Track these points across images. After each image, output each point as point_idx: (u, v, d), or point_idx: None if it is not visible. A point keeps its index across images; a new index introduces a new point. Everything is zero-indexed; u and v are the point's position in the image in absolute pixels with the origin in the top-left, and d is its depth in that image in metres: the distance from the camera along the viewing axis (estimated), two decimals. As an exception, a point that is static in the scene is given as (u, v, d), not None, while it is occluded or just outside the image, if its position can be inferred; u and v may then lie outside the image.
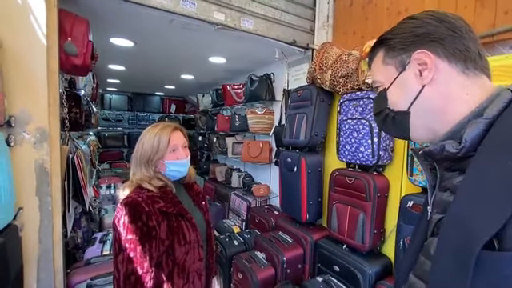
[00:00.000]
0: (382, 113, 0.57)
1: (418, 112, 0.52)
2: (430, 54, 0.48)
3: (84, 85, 2.17)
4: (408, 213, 1.43)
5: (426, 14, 0.51)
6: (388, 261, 1.69)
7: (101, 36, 2.14)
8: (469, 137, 0.44)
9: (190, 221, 1.07)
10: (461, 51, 0.48)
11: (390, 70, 0.54)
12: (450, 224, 0.43)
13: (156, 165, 1.06)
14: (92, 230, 2.22)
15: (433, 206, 0.55)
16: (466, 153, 0.44)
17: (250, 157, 2.99)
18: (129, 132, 5.65)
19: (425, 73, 0.49)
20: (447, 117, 0.49)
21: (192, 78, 3.92)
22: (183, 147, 1.09)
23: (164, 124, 1.09)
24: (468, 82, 0.48)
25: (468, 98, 0.48)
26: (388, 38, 0.55)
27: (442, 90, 0.49)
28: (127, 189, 1.05)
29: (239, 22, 1.90)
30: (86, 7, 1.60)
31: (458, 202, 0.43)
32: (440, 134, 0.50)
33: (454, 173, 0.49)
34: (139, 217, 0.95)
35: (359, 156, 1.71)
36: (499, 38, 1.40)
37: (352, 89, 1.75)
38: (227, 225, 2.81)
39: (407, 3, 1.74)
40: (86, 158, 1.95)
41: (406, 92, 0.52)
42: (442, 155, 0.48)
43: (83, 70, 1.53)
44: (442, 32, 0.49)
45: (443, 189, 0.52)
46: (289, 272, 1.93)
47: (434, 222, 0.52)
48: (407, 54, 0.51)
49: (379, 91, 0.58)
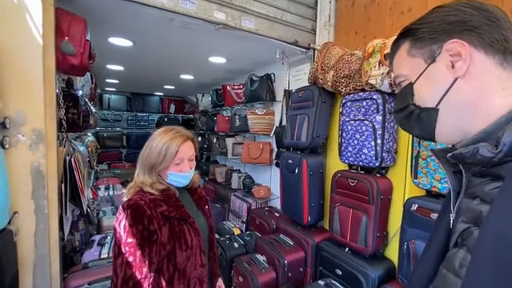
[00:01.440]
0: (406, 109, 0.52)
1: (448, 108, 0.47)
2: (465, 44, 0.44)
3: (82, 85, 2.13)
4: (412, 216, 1.41)
5: (459, 1, 0.47)
6: (391, 264, 1.67)
7: (99, 35, 2.10)
8: (508, 140, 0.39)
9: (193, 225, 1.04)
10: (499, 41, 0.43)
11: (417, 63, 0.50)
12: (489, 239, 0.38)
13: (159, 173, 1.04)
14: (90, 233, 2.19)
15: (456, 214, 0.50)
16: (503, 157, 0.40)
17: (251, 158, 2.96)
18: (128, 132, 5.62)
19: (458, 64, 0.45)
20: (480, 114, 0.44)
21: (192, 78, 3.89)
22: (189, 160, 1.06)
23: (176, 132, 1.04)
24: (506, 75, 0.43)
25: (505, 93, 0.43)
26: (414, 28, 0.50)
27: (476, 84, 0.44)
28: (130, 191, 1.03)
29: (240, 21, 1.87)
30: (83, 6, 1.57)
31: (498, 217, 0.38)
32: (470, 134, 0.45)
33: (485, 179, 0.44)
34: (140, 220, 0.93)
35: (362, 158, 1.68)
36: None
37: (354, 89, 1.73)
38: (227, 227, 2.78)
39: (410, 2, 1.71)
40: (83, 159, 1.92)
41: (435, 86, 0.48)
42: (475, 159, 0.43)
43: (81, 70, 1.49)
44: (477, 20, 0.44)
45: (471, 196, 0.47)
46: (290, 275, 1.90)
47: (458, 231, 0.48)
48: (438, 44, 0.47)
49: (404, 86, 0.53)
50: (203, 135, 4.40)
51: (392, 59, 0.56)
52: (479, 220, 0.43)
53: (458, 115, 0.47)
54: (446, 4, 0.48)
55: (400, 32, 0.54)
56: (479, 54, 0.44)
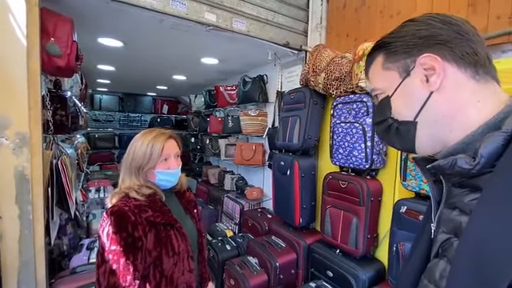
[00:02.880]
0: (385, 122, 0.52)
1: (425, 122, 0.47)
2: (438, 58, 0.45)
3: (70, 86, 2.09)
4: (401, 218, 1.42)
5: (429, 15, 0.48)
6: (381, 265, 1.68)
7: (88, 36, 2.07)
8: (485, 152, 0.39)
9: (180, 230, 1.03)
10: (470, 55, 0.44)
11: (392, 76, 0.50)
12: (467, 252, 0.39)
13: (146, 173, 1.02)
14: (79, 237, 2.15)
15: (438, 224, 0.50)
16: (481, 169, 0.40)
17: (243, 159, 2.95)
18: (120, 133, 5.54)
19: (432, 78, 0.45)
20: (458, 126, 0.45)
21: (184, 79, 3.86)
22: (175, 156, 1.06)
23: (158, 131, 1.04)
24: (479, 88, 0.44)
25: (480, 105, 0.44)
26: (388, 41, 0.50)
27: (451, 97, 0.45)
28: (114, 197, 1.01)
29: (231, 22, 1.86)
30: (70, 6, 1.54)
31: (477, 228, 0.39)
32: (449, 144, 0.46)
33: (465, 189, 0.45)
34: (125, 227, 0.91)
35: (352, 160, 1.69)
36: (492, 43, 1.40)
37: (345, 92, 1.73)
38: (220, 228, 2.77)
39: (400, 6, 1.73)
40: (72, 162, 1.88)
41: (411, 100, 0.48)
42: (453, 171, 0.43)
43: (68, 72, 1.46)
44: (447, 34, 0.45)
45: (451, 206, 0.48)
46: (282, 277, 1.90)
47: (439, 241, 0.48)
48: (411, 58, 0.47)
49: (381, 99, 0.53)
50: (196, 136, 4.37)
51: (367, 71, 0.56)
52: (459, 231, 0.43)
53: (435, 128, 0.47)
54: (418, 18, 0.49)
55: (374, 45, 0.54)
56: (452, 67, 0.45)
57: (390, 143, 0.55)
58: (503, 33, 1.36)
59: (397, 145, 0.54)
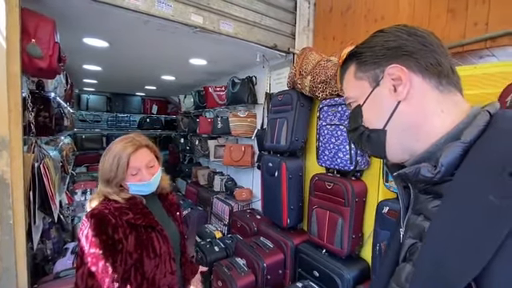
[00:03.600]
0: (358, 130, 0.54)
1: (394, 130, 0.49)
2: (404, 69, 0.46)
3: (54, 87, 2.05)
4: (384, 218, 1.46)
5: (397, 27, 0.50)
6: (366, 265, 1.72)
7: (72, 36, 2.03)
8: (445, 161, 0.42)
9: (161, 233, 1.03)
10: (434, 66, 0.46)
11: (363, 85, 0.52)
12: (428, 256, 0.41)
13: (118, 185, 1.01)
14: (64, 241, 2.11)
15: (406, 228, 0.52)
16: (442, 177, 0.43)
17: (233, 160, 2.96)
18: (108, 133, 5.45)
19: (399, 88, 0.47)
20: (423, 136, 0.47)
21: (173, 79, 3.83)
22: (148, 167, 1.02)
23: (127, 141, 1.00)
24: (442, 98, 0.46)
25: (444, 115, 0.46)
26: (359, 52, 0.52)
27: (417, 107, 0.47)
28: (94, 200, 1.01)
29: (218, 25, 1.86)
30: (52, 7, 1.50)
31: (434, 237, 0.41)
32: (416, 153, 0.48)
33: (429, 196, 0.47)
34: (104, 230, 0.91)
35: (338, 161, 1.72)
36: (469, 49, 1.45)
37: (331, 94, 1.76)
38: (209, 230, 2.76)
39: (383, 11, 1.77)
40: (56, 164, 1.84)
41: (380, 109, 0.50)
42: (417, 178, 0.46)
43: (50, 73, 1.43)
44: (413, 46, 0.47)
45: (417, 212, 0.50)
46: (269, 278, 1.91)
47: (406, 246, 0.50)
48: (380, 68, 0.49)
49: (353, 108, 0.55)
50: (186, 137, 4.34)
51: (341, 80, 0.58)
52: (423, 236, 0.45)
53: (403, 136, 0.49)
54: (386, 29, 0.50)
55: (347, 54, 0.55)
56: (417, 78, 0.46)
57: (363, 150, 0.56)
58: (480, 39, 1.41)
59: (369, 152, 0.56)
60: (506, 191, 0.33)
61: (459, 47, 1.47)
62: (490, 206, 0.34)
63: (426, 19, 1.59)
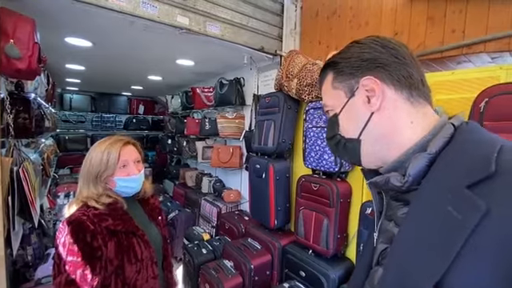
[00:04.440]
0: (334, 138, 0.56)
1: (368, 140, 0.51)
2: (378, 81, 0.48)
3: (34, 87, 1.98)
4: (367, 219, 1.50)
5: (372, 39, 0.51)
6: (351, 264, 1.76)
7: (53, 35, 1.97)
8: (412, 172, 0.44)
9: (142, 238, 1.02)
10: (405, 78, 0.48)
11: (339, 95, 0.53)
12: (392, 265, 0.43)
13: (106, 182, 1.00)
14: (45, 246, 2.04)
15: (379, 233, 0.54)
16: (410, 186, 0.45)
17: (220, 162, 2.95)
18: (92, 134, 5.30)
19: (373, 100, 0.49)
20: (394, 145, 0.49)
21: (160, 79, 3.78)
22: (135, 162, 1.04)
23: (114, 138, 1.03)
24: (413, 109, 0.48)
25: (413, 126, 0.48)
26: (336, 61, 0.54)
27: (389, 118, 0.49)
28: (72, 206, 0.98)
29: (204, 26, 1.85)
30: (32, 6, 1.46)
31: (400, 244, 0.43)
32: (388, 161, 0.50)
33: (399, 203, 0.49)
34: (83, 237, 0.89)
35: (323, 163, 1.76)
36: (447, 55, 1.51)
37: (317, 97, 1.79)
38: (197, 232, 2.75)
39: (368, 17, 1.82)
40: (36, 168, 1.79)
41: (355, 119, 0.52)
42: (387, 187, 0.48)
43: (29, 75, 1.39)
44: (386, 58, 0.48)
45: (389, 218, 0.52)
46: (257, 279, 1.92)
47: (379, 250, 0.52)
48: (355, 79, 0.50)
49: (331, 116, 0.57)
50: (173, 138, 4.29)
51: (320, 88, 0.60)
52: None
53: (376, 145, 0.51)
54: (362, 41, 0.52)
55: (325, 62, 0.57)
56: (390, 90, 0.48)
57: (340, 157, 0.59)
58: (457, 46, 1.48)
59: (346, 159, 0.58)
60: (462, 203, 0.35)
61: (438, 53, 1.53)
62: (449, 216, 0.36)
63: (407, 26, 1.65)
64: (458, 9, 1.45)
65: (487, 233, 0.32)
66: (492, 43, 1.35)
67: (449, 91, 1.36)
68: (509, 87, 1.09)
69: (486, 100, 1.09)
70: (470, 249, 0.33)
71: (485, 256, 0.32)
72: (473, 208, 0.34)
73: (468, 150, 0.40)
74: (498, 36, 1.32)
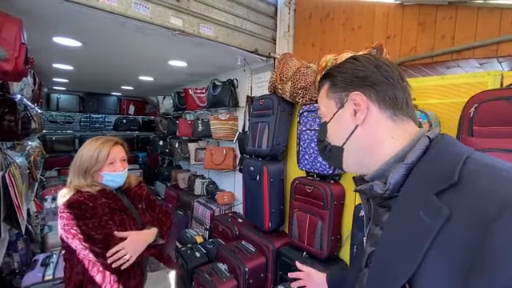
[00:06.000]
0: (322, 143, 0.62)
1: (351, 149, 0.56)
2: (364, 98, 0.52)
3: (20, 88, 1.91)
4: (360, 221, 1.52)
5: (367, 58, 0.55)
6: (344, 265, 1.78)
7: (41, 34, 1.91)
8: (392, 180, 0.48)
9: (131, 216, 1.17)
10: (390, 98, 0.52)
11: (331, 105, 0.58)
12: (375, 265, 0.48)
13: (93, 175, 1.12)
14: (33, 252, 1.98)
15: (367, 237, 0.58)
16: (391, 193, 0.49)
17: (214, 164, 2.93)
18: (81, 135, 5.17)
19: (358, 114, 0.53)
20: (376, 156, 0.53)
21: (151, 80, 3.72)
22: (121, 161, 1.18)
23: (106, 138, 1.16)
24: (395, 126, 0.52)
25: (394, 141, 0.52)
26: (333, 74, 0.58)
27: (371, 132, 0.53)
28: (66, 194, 1.07)
29: (198, 28, 1.83)
30: (19, 6, 1.41)
31: (381, 246, 0.48)
32: (370, 170, 0.54)
33: (384, 209, 0.53)
34: (83, 213, 1.01)
35: (317, 166, 1.77)
36: (437, 60, 1.55)
37: (310, 100, 1.80)
38: (190, 235, 2.72)
39: (360, 21, 1.84)
40: (22, 172, 1.73)
41: (341, 129, 0.56)
42: (371, 194, 0.52)
43: (15, 76, 1.34)
44: (376, 78, 0.52)
45: (375, 223, 0.56)
46: (251, 282, 1.92)
47: (367, 253, 0.56)
48: (346, 93, 0.55)
49: (322, 122, 0.62)
50: (165, 139, 4.23)
51: (318, 94, 0.64)
52: None
53: (358, 155, 0.56)
54: (359, 57, 0.56)
55: (324, 72, 0.61)
56: (374, 107, 0.53)
57: (325, 160, 0.64)
58: (447, 51, 1.51)
59: (330, 163, 0.63)
60: (430, 208, 0.39)
61: (429, 58, 1.57)
62: (420, 220, 0.40)
63: (399, 31, 1.68)
64: (448, 15, 1.49)
65: (448, 235, 0.36)
66: (480, 49, 1.39)
67: (439, 96, 1.39)
68: (496, 93, 1.13)
69: (476, 105, 1.12)
70: (435, 249, 0.37)
71: (445, 255, 0.36)
72: (438, 213, 0.38)
73: (438, 161, 0.44)
74: (486, 43, 1.36)
